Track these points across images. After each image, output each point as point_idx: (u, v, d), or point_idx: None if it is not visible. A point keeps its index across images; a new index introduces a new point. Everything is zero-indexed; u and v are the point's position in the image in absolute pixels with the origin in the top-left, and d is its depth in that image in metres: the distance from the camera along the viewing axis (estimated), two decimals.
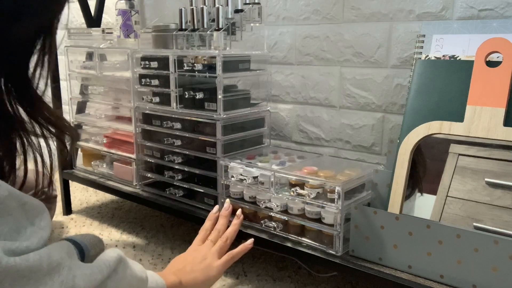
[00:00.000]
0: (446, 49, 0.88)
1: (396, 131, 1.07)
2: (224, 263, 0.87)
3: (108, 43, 1.29)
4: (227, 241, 0.91)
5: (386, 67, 1.07)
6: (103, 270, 0.56)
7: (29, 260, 0.45)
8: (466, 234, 0.71)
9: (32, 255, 0.46)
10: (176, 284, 0.77)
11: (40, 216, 0.50)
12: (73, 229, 1.34)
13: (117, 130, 1.30)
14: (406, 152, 0.79)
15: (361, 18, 1.09)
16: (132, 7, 1.29)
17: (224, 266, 0.87)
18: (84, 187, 1.64)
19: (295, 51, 1.21)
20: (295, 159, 1.07)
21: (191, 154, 1.10)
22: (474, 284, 0.71)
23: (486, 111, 0.73)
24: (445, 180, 0.82)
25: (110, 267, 0.57)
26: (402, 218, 0.78)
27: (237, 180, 0.99)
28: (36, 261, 0.46)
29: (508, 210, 0.75)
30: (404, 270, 0.79)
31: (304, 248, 0.89)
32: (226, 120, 1.04)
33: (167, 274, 0.78)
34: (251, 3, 1.09)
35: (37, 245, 0.47)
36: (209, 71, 1.04)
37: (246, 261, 1.12)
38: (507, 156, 0.77)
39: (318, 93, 1.19)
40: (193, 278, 0.81)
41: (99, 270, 0.55)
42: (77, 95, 1.41)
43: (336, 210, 0.84)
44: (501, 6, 0.91)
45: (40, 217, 0.50)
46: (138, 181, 1.24)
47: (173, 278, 0.77)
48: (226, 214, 0.96)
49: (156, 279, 0.71)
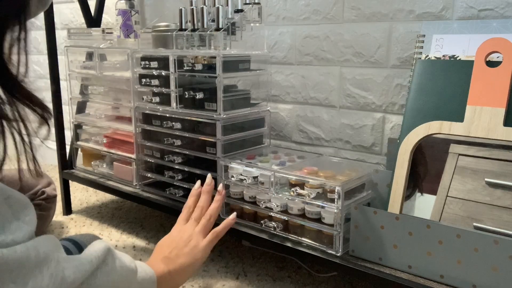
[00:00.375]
0: (446, 49, 0.88)
1: (396, 131, 1.07)
2: (209, 242, 0.85)
3: (108, 43, 1.29)
4: (210, 219, 0.89)
5: (386, 67, 1.07)
6: (92, 261, 0.56)
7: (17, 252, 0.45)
8: (466, 234, 0.71)
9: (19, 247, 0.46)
10: (165, 273, 0.76)
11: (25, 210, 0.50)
12: (73, 229, 1.34)
13: (117, 130, 1.30)
14: (406, 152, 0.79)
15: (361, 18, 1.09)
16: (132, 7, 1.29)
17: (209, 245, 0.86)
18: (84, 187, 1.64)
19: (295, 51, 1.21)
20: (295, 159, 1.07)
21: (191, 154, 1.10)
22: (474, 284, 0.71)
23: (486, 111, 0.73)
24: (445, 180, 0.82)
25: (98, 258, 0.57)
26: (402, 218, 0.78)
27: (237, 180, 0.99)
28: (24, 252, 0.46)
29: (508, 210, 0.75)
30: (404, 270, 0.79)
31: (304, 248, 0.89)
32: (226, 120, 1.04)
33: (156, 263, 0.77)
34: (251, 3, 1.09)
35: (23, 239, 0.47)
36: (209, 71, 1.04)
37: (246, 261, 1.12)
38: (507, 156, 0.77)
39: (318, 93, 1.19)
40: (180, 265, 0.80)
41: (87, 261, 0.55)
42: (77, 95, 1.41)
43: (336, 210, 0.84)
44: (501, 6, 0.91)
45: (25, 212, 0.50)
46: (138, 181, 1.24)
47: (161, 268, 0.77)
48: (208, 190, 0.93)
49: (145, 269, 0.70)
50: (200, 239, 0.85)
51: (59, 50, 1.37)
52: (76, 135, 1.42)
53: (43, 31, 1.36)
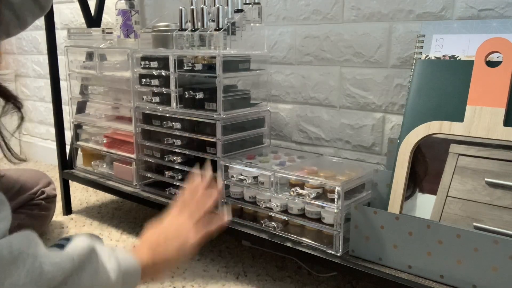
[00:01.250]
0: (446, 49, 0.88)
1: (396, 131, 1.07)
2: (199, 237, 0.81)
3: (108, 43, 1.29)
4: (204, 214, 0.85)
5: (386, 67, 1.07)
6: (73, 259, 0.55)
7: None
8: (466, 234, 0.71)
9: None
10: (150, 264, 0.74)
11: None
12: (73, 229, 1.34)
13: (117, 130, 1.29)
14: (406, 152, 0.79)
15: (361, 18, 1.09)
16: (132, 7, 1.29)
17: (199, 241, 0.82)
18: (84, 187, 1.64)
19: (295, 51, 1.21)
20: (295, 159, 1.07)
21: (191, 154, 1.10)
22: (474, 284, 0.71)
23: (486, 111, 0.73)
24: (445, 180, 0.82)
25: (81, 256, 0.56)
26: (402, 218, 0.78)
27: (237, 180, 0.99)
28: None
29: (508, 210, 0.75)
30: (404, 270, 0.79)
31: (304, 248, 0.89)
32: (226, 120, 1.04)
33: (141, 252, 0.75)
34: (251, 3, 1.09)
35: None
36: (209, 71, 1.04)
37: (246, 261, 1.12)
38: (507, 156, 0.77)
39: (318, 93, 1.19)
40: (166, 256, 0.77)
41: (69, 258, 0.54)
42: (77, 95, 1.41)
43: (336, 210, 0.84)
44: (501, 6, 0.91)
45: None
46: (138, 181, 1.24)
47: (146, 257, 0.74)
48: (206, 185, 0.90)
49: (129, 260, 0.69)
50: (191, 235, 0.82)
51: (59, 50, 1.37)
52: (76, 135, 1.42)
53: (43, 31, 1.36)
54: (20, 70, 2.14)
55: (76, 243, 0.59)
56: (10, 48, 2.15)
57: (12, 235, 0.49)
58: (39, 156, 2.14)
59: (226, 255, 1.16)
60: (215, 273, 1.07)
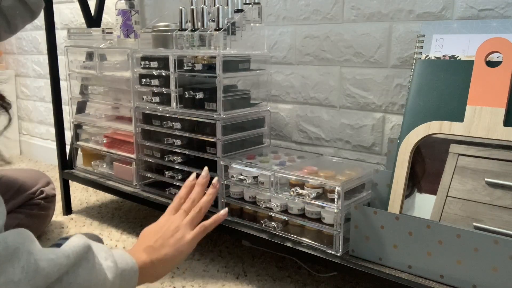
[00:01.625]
0: (446, 49, 0.88)
1: (396, 131, 1.07)
2: (195, 235, 0.82)
3: (108, 43, 1.29)
4: (200, 211, 0.85)
5: (386, 67, 1.07)
6: (69, 256, 0.55)
7: None
8: (466, 234, 0.71)
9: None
10: (147, 264, 0.75)
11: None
12: (73, 229, 1.34)
13: (117, 130, 1.30)
14: (406, 152, 0.79)
15: (361, 18, 1.09)
16: (132, 7, 1.29)
17: (196, 239, 0.82)
18: (84, 187, 1.64)
19: (295, 51, 1.21)
20: (295, 159, 1.07)
21: (191, 154, 1.10)
22: (474, 284, 0.71)
23: (486, 111, 0.73)
24: (445, 180, 0.82)
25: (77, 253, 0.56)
26: (402, 218, 0.78)
27: (237, 180, 0.99)
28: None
29: (508, 210, 0.75)
30: (404, 270, 0.79)
31: (304, 248, 0.89)
32: (226, 120, 1.04)
33: (138, 252, 0.76)
34: (251, 3, 1.09)
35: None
36: (209, 71, 1.04)
37: (246, 261, 1.12)
38: (507, 156, 0.77)
39: (318, 93, 1.19)
40: (163, 255, 0.77)
41: (64, 255, 0.54)
42: (77, 95, 1.41)
43: (336, 210, 0.84)
44: (501, 6, 0.91)
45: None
46: (138, 181, 1.24)
47: (144, 257, 0.75)
48: (202, 183, 0.89)
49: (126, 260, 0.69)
50: (187, 232, 0.82)
51: (59, 50, 1.37)
52: (76, 135, 1.42)
53: (43, 31, 1.36)
54: (20, 70, 2.14)
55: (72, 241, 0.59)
56: (10, 48, 2.15)
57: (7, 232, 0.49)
58: (39, 156, 2.14)
59: (226, 255, 1.16)
60: (215, 273, 1.07)
